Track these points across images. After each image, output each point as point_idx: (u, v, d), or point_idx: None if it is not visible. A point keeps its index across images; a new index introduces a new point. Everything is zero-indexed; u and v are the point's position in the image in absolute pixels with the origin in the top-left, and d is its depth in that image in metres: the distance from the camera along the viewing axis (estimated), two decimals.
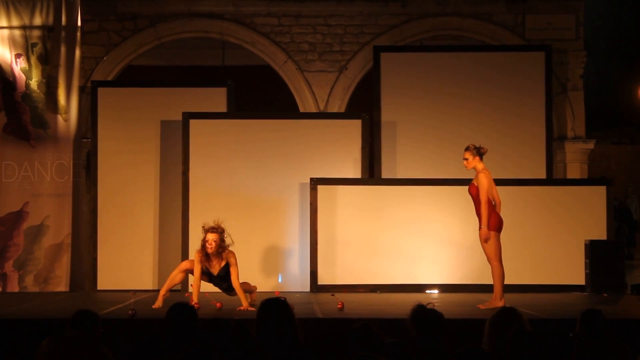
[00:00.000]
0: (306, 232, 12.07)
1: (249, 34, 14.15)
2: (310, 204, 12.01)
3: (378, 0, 14.10)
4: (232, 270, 9.51)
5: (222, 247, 9.56)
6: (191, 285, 10.75)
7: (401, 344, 4.93)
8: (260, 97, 15.74)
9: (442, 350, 5.32)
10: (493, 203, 9.86)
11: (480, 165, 9.82)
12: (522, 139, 13.11)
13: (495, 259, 9.71)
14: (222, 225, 9.59)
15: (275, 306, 5.16)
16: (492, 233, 9.70)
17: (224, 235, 9.58)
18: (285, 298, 5.37)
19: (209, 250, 9.51)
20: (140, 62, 14.54)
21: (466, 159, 9.87)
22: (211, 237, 9.51)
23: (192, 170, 12.24)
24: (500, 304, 9.51)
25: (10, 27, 12.63)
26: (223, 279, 9.65)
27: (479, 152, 9.84)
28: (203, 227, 9.66)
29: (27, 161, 12.54)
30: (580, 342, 5.82)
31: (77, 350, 5.64)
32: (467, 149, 9.91)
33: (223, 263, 9.58)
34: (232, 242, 9.65)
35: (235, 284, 9.50)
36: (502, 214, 12.41)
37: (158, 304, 9.60)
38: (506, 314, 5.61)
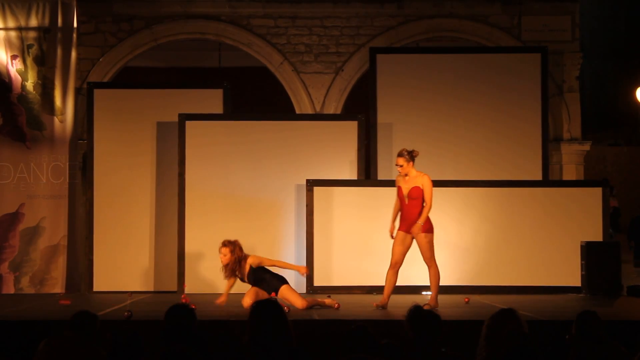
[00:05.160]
0: (302, 234, 12.06)
1: (245, 36, 14.16)
2: (307, 206, 12.01)
3: (374, 1, 14.11)
4: (266, 262, 9.94)
5: (238, 258, 9.83)
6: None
7: (396, 345, 4.93)
8: (257, 99, 15.75)
9: (439, 352, 5.31)
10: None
11: (413, 170, 9.73)
12: (518, 140, 13.12)
13: (434, 260, 9.77)
14: (234, 240, 9.94)
15: (267, 307, 5.16)
16: (431, 235, 9.70)
17: (236, 247, 9.85)
18: (277, 299, 5.37)
19: (222, 263, 9.86)
20: (136, 63, 14.54)
21: (401, 166, 9.72)
22: (223, 250, 9.84)
23: (188, 172, 12.24)
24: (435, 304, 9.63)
25: (6, 29, 12.62)
26: (258, 281, 9.85)
27: (412, 157, 9.73)
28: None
29: (23, 162, 12.53)
30: (576, 344, 5.82)
31: (74, 351, 5.65)
32: (400, 154, 9.77)
33: (247, 269, 9.83)
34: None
35: (280, 264, 10.06)
36: (498, 216, 12.46)
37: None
38: (504, 315, 5.61)
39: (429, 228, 9.68)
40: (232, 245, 9.83)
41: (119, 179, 12.63)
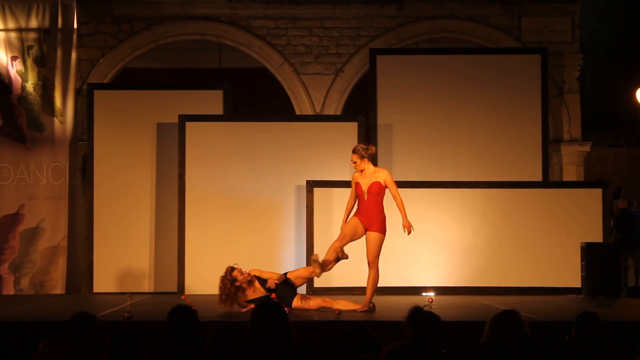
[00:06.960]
0: (302, 235, 12.06)
1: (245, 37, 14.16)
2: (307, 206, 12.01)
3: (374, 2, 14.11)
4: (268, 278, 9.47)
5: (248, 277, 9.39)
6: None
7: (408, 347, 4.89)
8: (257, 100, 15.74)
9: (439, 353, 5.31)
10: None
11: (370, 165, 9.45)
12: (518, 141, 13.12)
13: (377, 261, 9.43)
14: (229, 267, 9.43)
15: (268, 309, 5.16)
16: (383, 237, 9.43)
17: (236, 272, 9.38)
18: (278, 300, 5.37)
19: (245, 285, 9.33)
20: (136, 64, 14.54)
21: (354, 162, 9.37)
22: (236, 273, 9.30)
23: (188, 173, 12.24)
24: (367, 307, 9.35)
25: (6, 30, 12.63)
26: (283, 288, 9.45)
27: (367, 153, 9.39)
28: (226, 277, 9.33)
29: (23, 163, 12.53)
30: (577, 345, 5.81)
31: (73, 352, 5.65)
32: (354, 151, 9.39)
33: (258, 285, 9.44)
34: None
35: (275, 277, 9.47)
36: (498, 216, 12.41)
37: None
38: (506, 316, 5.60)
39: (383, 229, 9.41)
40: (233, 270, 9.33)
41: (119, 180, 12.63)
